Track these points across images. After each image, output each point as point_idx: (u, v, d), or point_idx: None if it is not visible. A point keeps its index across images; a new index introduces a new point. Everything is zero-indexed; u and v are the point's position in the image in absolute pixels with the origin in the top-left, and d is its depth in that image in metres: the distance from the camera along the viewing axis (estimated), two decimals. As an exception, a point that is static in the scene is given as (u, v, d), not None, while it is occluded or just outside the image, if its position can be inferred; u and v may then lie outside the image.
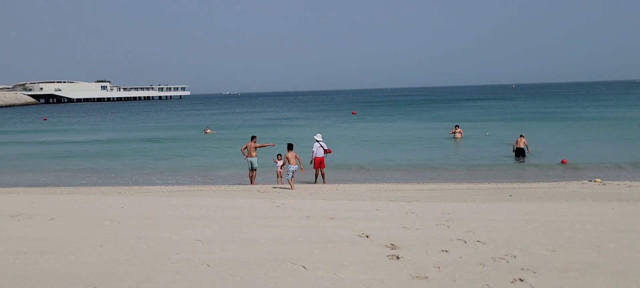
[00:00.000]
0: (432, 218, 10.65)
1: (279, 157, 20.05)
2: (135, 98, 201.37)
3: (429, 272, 7.10)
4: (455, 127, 37.77)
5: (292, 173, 18.37)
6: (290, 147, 18.95)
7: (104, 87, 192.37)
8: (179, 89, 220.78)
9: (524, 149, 26.29)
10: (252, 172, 20.30)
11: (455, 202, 13.41)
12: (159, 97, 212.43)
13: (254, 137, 20.65)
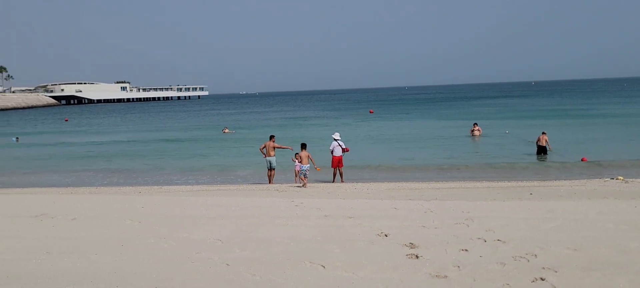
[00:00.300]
0: (452, 217, 10.58)
1: (297, 156, 20.11)
2: (154, 98, 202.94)
3: (448, 271, 7.05)
4: (473, 125, 37.54)
5: (305, 172, 18.47)
6: (303, 147, 19.02)
7: (123, 88, 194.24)
8: (197, 89, 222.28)
9: (546, 147, 26.05)
10: (271, 171, 20.32)
11: (474, 201, 13.30)
12: (177, 97, 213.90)
13: (272, 137, 20.68)
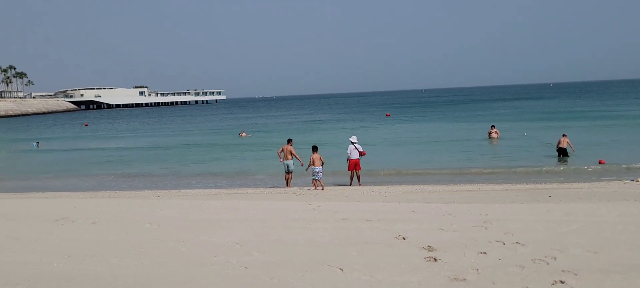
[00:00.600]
0: (470, 219, 10.49)
1: (311, 159, 20.17)
2: (172, 103, 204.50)
3: (467, 274, 6.99)
4: (491, 127, 37.28)
5: (317, 174, 18.66)
6: (314, 149, 19.18)
7: (142, 93, 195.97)
8: (214, 94, 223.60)
9: (567, 149, 25.77)
10: (288, 174, 20.31)
11: (493, 204, 13.19)
12: (195, 101, 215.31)
13: (290, 140, 20.67)
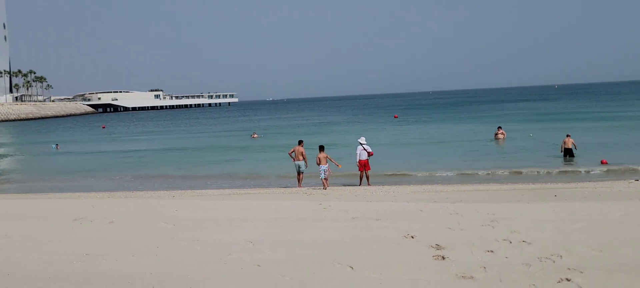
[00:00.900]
0: (477, 218, 10.47)
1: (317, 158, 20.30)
2: (186, 105, 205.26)
3: (475, 272, 6.98)
4: (497, 128, 37.16)
5: (323, 172, 18.88)
6: (321, 149, 19.36)
7: (157, 96, 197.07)
8: (227, 96, 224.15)
9: (572, 149, 25.64)
10: (300, 174, 20.36)
11: (499, 203, 13.14)
12: (208, 104, 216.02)
13: (301, 141, 20.70)
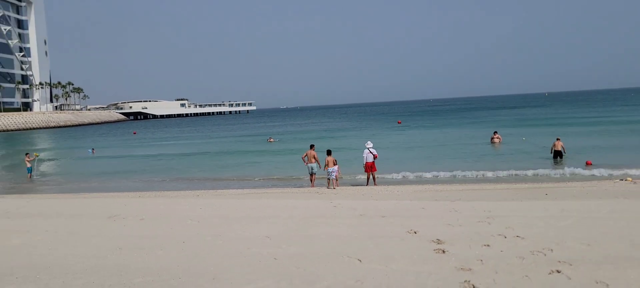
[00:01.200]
0: (474, 215, 10.41)
1: (326, 161, 20.29)
2: (209, 113, 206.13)
3: (472, 265, 6.94)
4: (493, 133, 36.93)
5: (332, 174, 19.23)
6: (328, 153, 19.64)
7: (183, 105, 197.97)
8: (246, 105, 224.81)
9: (562, 151, 25.51)
10: (312, 176, 20.38)
11: (495, 201, 13.06)
12: (229, 112, 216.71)
13: (312, 146, 20.76)
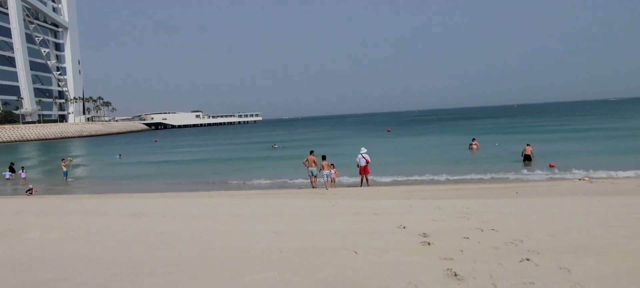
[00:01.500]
0: (455, 212, 10.50)
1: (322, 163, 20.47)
2: (221, 123, 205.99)
3: (454, 255, 7.03)
4: (472, 139, 36.96)
5: (326, 177, 19.55)
6: (323, 158, 19.86)
7: (197, 116, 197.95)
8: (254, 116, 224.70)
9: (531, 155, 25.63)
10: (313, 178, 20.49)
11: (473, 199, 13.14)
12: (238, 122, 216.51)
13: (312, 151, 20.90)
